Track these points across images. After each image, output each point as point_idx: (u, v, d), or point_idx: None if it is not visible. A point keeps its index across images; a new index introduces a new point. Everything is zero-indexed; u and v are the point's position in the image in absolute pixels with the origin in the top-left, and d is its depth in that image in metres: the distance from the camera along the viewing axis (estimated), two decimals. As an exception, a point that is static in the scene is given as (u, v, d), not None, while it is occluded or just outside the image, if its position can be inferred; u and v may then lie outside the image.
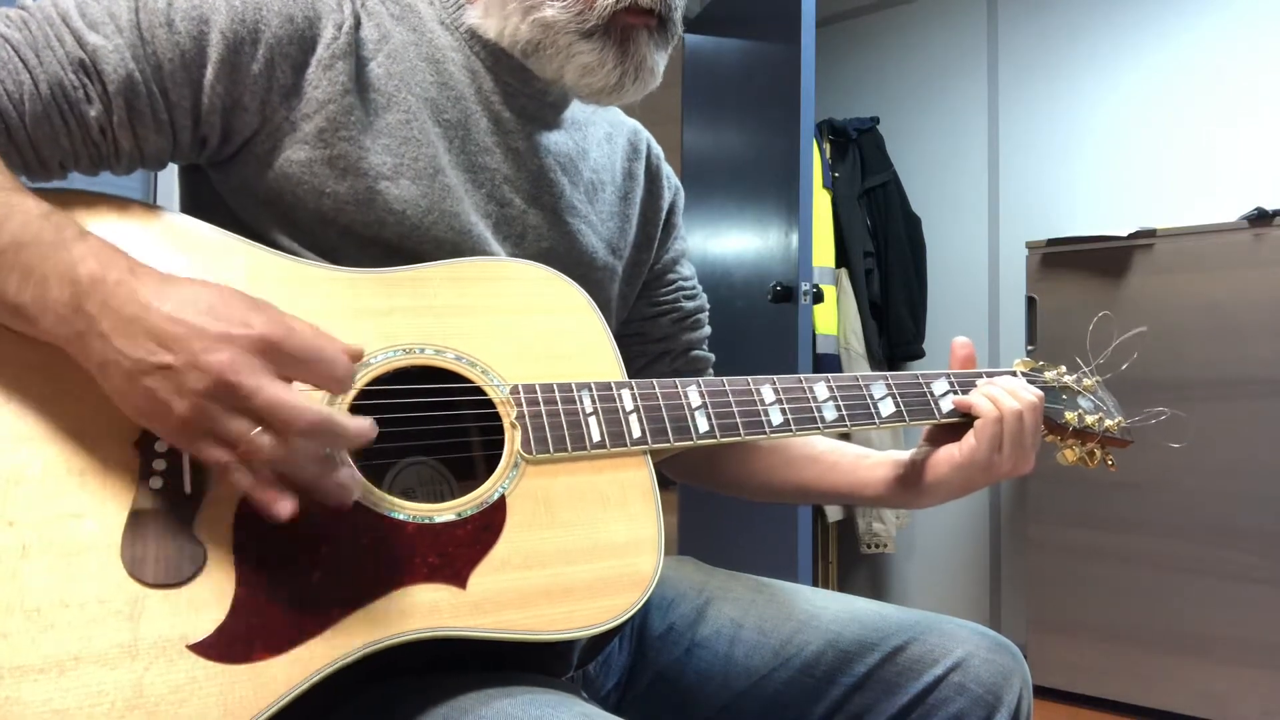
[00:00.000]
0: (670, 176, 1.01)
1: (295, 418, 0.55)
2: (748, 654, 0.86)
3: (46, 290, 0.56)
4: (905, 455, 0.89)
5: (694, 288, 1.03)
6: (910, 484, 0.88)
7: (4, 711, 0.51)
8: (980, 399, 0.83)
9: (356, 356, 0.60)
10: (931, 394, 0.86)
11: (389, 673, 0.67)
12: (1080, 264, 2.60)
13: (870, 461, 0.92)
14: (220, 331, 0.55)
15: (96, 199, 0.66)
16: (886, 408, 0.84)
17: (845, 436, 0.92)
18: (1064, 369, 0.95)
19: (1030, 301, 2.69)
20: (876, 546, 3.07)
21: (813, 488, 0.96)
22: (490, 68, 0.83)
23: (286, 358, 0.56)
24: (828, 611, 0.87)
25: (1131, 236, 2.51)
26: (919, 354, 3.14)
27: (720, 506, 2.77)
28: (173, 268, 0.65)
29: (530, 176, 0.85)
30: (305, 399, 0.55)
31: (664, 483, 0.80)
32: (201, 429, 0.55)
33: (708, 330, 1.04)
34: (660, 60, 0.81)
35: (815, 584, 2.55)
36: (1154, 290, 2.47)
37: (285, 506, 0.56)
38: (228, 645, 0.56)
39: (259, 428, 0.55)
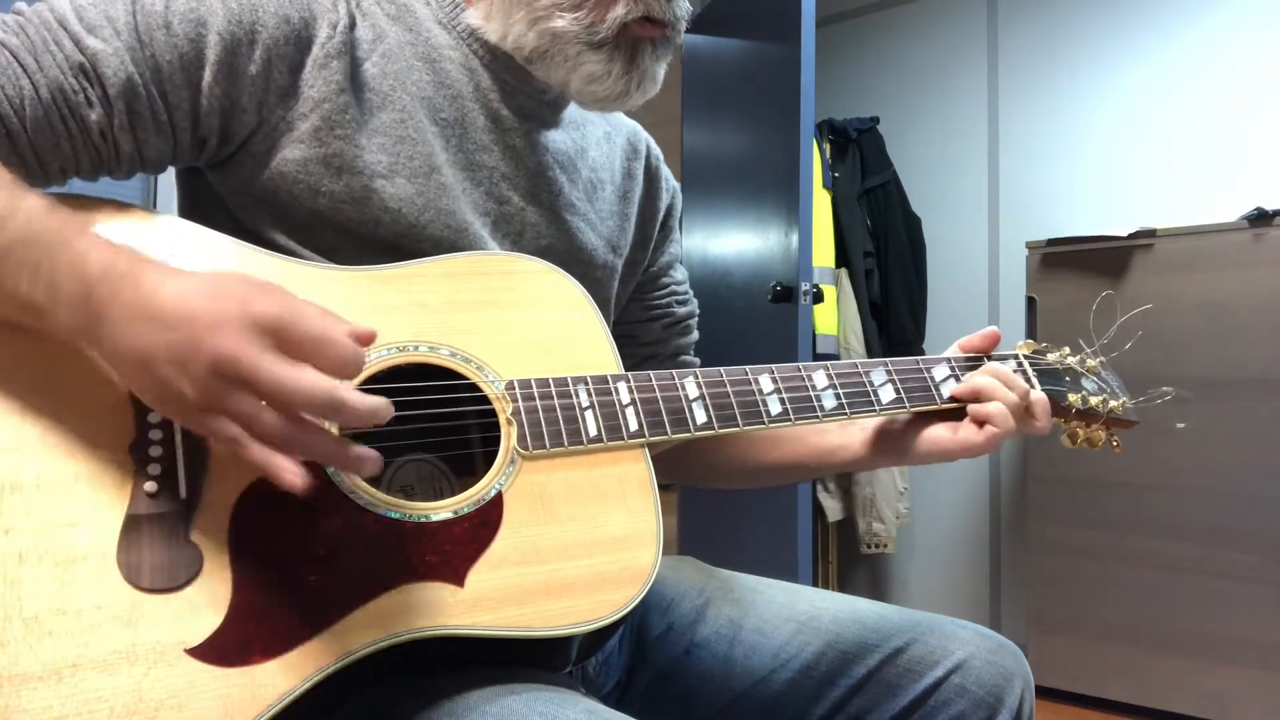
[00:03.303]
0: (669, 179, 1.01)
1: (298, 394, 0.54)
2: (747, 655, 0.86)
3: (58, 285, 0.56)
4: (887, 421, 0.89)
5: (686, 293, 1.03)
6: (890, 449, 0.88)
7: (4, 719, 0.51)
8: (990, 406, 0.83)
9: (366, 340, 0.58)
10: (932, 379, 0.86)
11: (388, 672, 0.66)
12: (1080, 264, 2.60)
13: (850, 426, 0.92)
14: (222, 312, 0.54)
15: (95, 203, 0.66)
16: (886, 394, 0.84)
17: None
18: (1067, 350, 0.94)
19: (1030, 301, 2.69)
20: (876, 546, 3.07)
21: (788, 461, 0.95)
22: (488, 65, 0.83)
23: (291, 338, 0.55)
24: (828, 612, 0.87)
25: (1131, 236, 2.51)
26: (919, 354, 3.13)
27: (720, 506, 2.76)
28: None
29: (528, 174, 0.85)
30: (310, 375, 0.54)
31: (665, 483, 0.80)
32: (210, 408, 0.55)
33: (696, 336, 1.05)
34: (661, 69, 0.82)
35: (815, 584, 2.55)
36: (1154, 290, 2.47)
37: (294, 477, 0.54)
38: (226, 649, 0.56)
39: (265, 407, 0.54)
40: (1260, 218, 2.35)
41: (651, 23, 0.78)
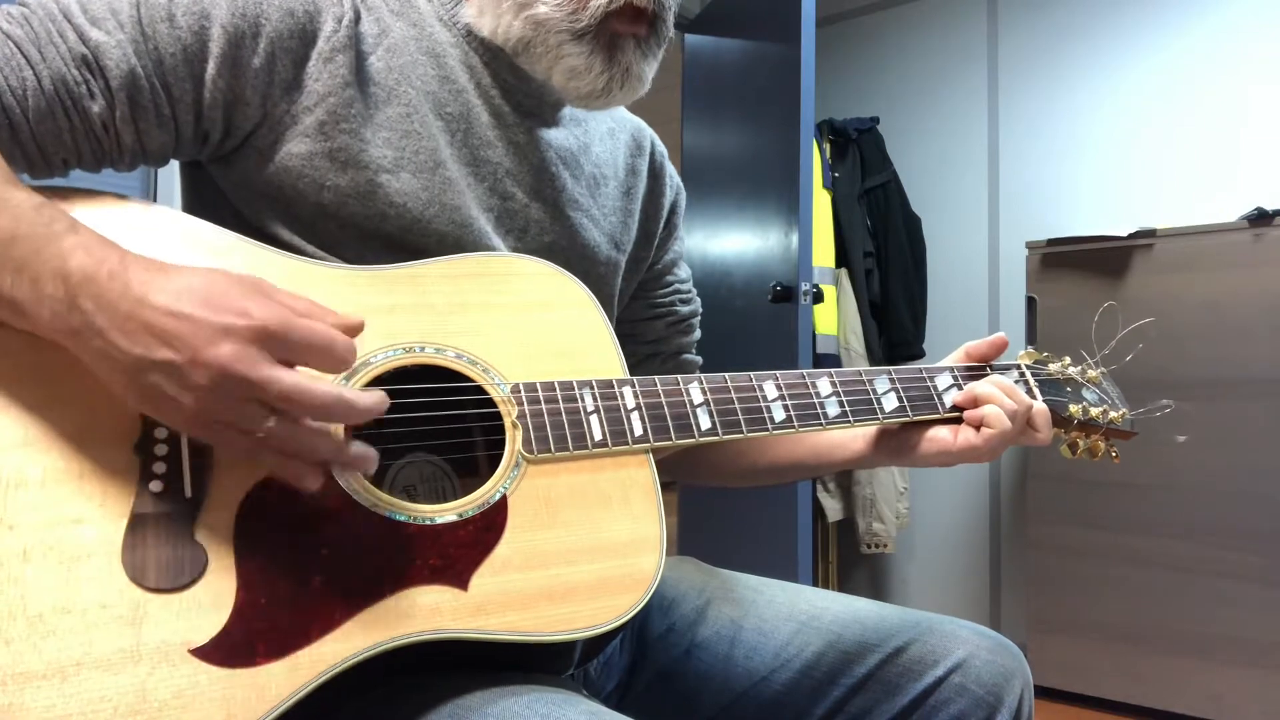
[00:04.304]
0: (673, 176, 1.01)
1: (308, 402, 0.56)
2: (748, 655, 0.86)
3: (40, 286, 0.56)
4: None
5: (689, 291, 1.03)
6: (890, 449, 0.88)
7: (7, 718, 0.51)
8: (985, 409, 0.83)
9: (355, 329, 0.61)
10: (934, 388, 0.86)
11: (391, 674, 0.67)
12: (1080, 264, 2.60)
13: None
14: (220, 324, 0.55)
15: (95, 196, 0.66)
16: (889, 403, 0.84)
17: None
18: (1069, 360, 0.95)
19: (1030, 301, 2.69)
20: (876, 546, 3.07)
21: (788, 459, 0.96)
22: (488, 64, 0.83)
23: (287, 344, 0.56)
24: (828, 612, 0.87)
25: (1131, 236, 2.51)
26: (919, 354, 3.14)
27: (720, 506, 2.76)
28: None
29: (532, 170, 0.85)
30: (314, 382, 0.56)
31: (665, 483, 0.80)
32: (213, 419, 0.56)
33: (698, 334, 1.05)
34: (648, 68, 0.82)
35: (815, 584, 2.55)
36: (1154, 290, 2.47)
37: (314, 479, 0.58)
38: (230, 649, 0.56)
39: (272, 416, 0.55)
40: (1260, 218, 2.35)
41: (635, 14, 0.78)
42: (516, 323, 0.74)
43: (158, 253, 0.64)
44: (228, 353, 0.54)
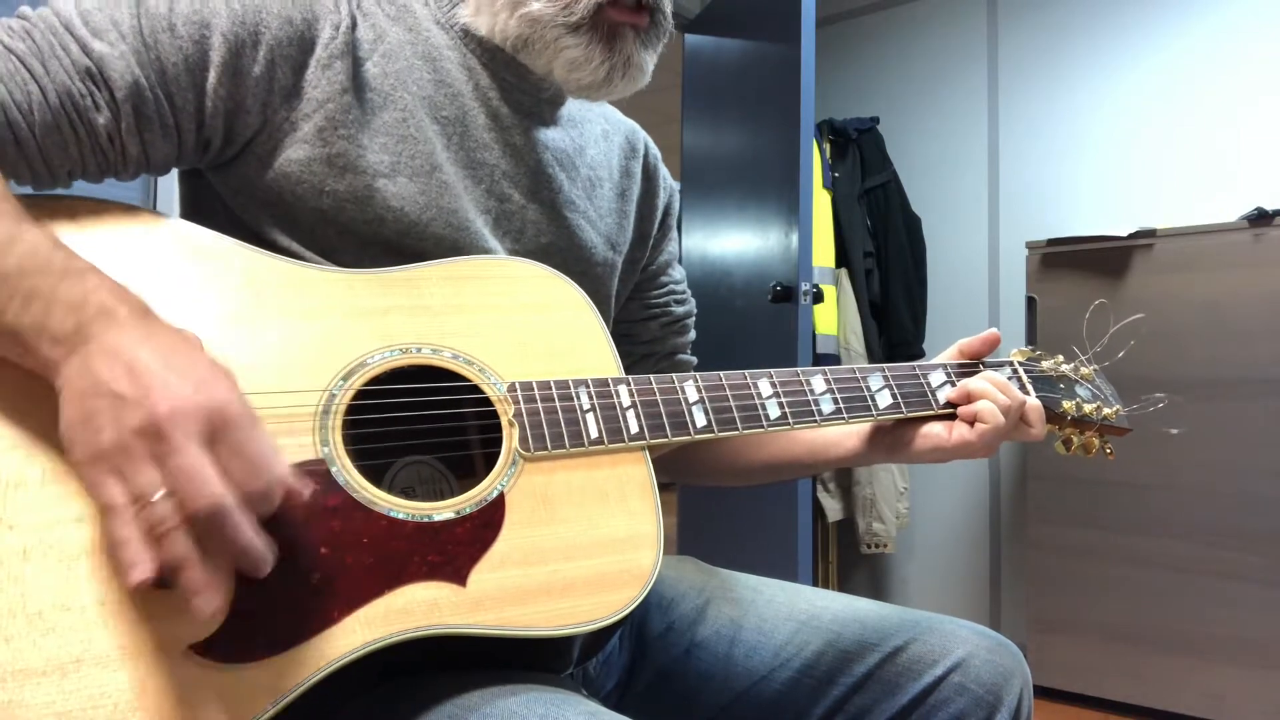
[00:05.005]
0: (666, 177, 1.02)
1: (199, 495, 0.51)
2: (747, 654, 0.86)
3: (49, 316, 0.56)
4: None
5: (684, 292, 1.04)
6: (885, 445, 0.89)
7: (7, 714, 0.51)
8: (979, 404, 0.84)
9: (296, 495, 0.56)
10: (928, 385, 0.87)
11: (391, 671, 0.67)
12: (1080, 264, 2.60)
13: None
14: (183, 386, 0.53)
15: (97, 205, 0.66)
16: (883, 399, 0.85)
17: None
18: (1061, 358, 0.95)
19: (1030, 301, 2.70)
20: (876, 546, 3.07)
21: (784, 457, 0.96)
22: (486, 65, 0.83)
23: (230, 440, 0.53)
24: (828, 611, 0.88)
25: (1131, 236, 2.51)
26: (919, 354, 3.14)
27: (720, 506, 2.77)
28: (172, 273, 0.66)
29: (529, 172, 0.85)
30: (219, 484, 0.51)
31: (664, 483, 0.81)
32: (112, 464, 0.52)
33: (693, 335, 1.05)
34: (649, 59, 0.82)
35: (815, 584, 2.55)
36: (1154, 290, 2.47)
37: (139, 576, 0.50)
38: (228, 646, 0.56)
39: (163, 491, 0.51)
40: (1260, 218, 2.35)
41: (632, 3, 0.79)
42: (512, 324, 0.74)
43: (158, 260, 0.65)
44: (168, 408, 0.52)
